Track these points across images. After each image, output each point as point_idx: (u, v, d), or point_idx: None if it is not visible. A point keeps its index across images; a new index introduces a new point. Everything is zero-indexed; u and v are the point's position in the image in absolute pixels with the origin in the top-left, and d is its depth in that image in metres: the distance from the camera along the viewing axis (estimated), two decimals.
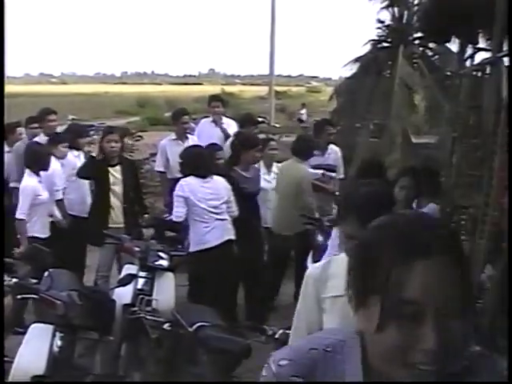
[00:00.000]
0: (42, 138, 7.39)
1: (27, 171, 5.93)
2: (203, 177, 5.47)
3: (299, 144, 6.57)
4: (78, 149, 6.93)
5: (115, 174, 6.04)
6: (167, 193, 6.92)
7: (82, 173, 6.23)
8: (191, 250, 5.43)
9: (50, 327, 3.66)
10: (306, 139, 6.90)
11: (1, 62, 5.18)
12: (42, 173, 5.92)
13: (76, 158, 6.80)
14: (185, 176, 5.55)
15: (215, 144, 6.79)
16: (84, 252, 6.55)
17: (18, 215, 5.65)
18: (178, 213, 5.45)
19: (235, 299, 5.82)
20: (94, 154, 6.47)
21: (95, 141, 8.13)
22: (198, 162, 5.53)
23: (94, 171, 6.12)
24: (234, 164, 5.90)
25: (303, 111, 29.56)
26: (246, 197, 5.78)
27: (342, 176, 7.08)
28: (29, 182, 5.85)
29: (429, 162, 7.68)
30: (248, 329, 3.42)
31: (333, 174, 6.81)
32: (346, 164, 7.76)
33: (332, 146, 7.17)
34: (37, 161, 5.94)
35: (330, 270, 2.25)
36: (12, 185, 7.49)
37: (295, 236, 6.23)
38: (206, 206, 5.43)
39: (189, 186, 5.45)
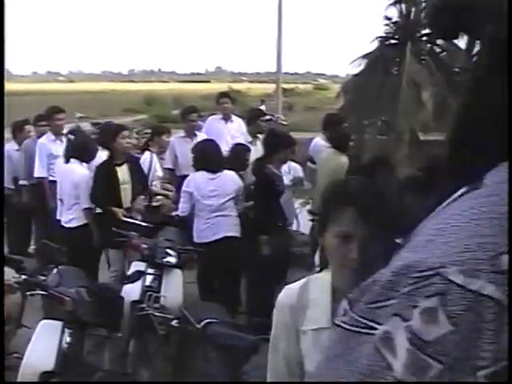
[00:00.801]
0: (49, 137, 7.49)
1: (75, 161, 5.99)
2: (213, 171, 5.51)
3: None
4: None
5: (121, 172, 5.96)
6: (175, 190, 6.93)
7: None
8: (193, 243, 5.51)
9: (59, 324, 3.68)
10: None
11: (1, 61, 5.19)
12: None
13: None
14: (196, 171, 5.63)
15: (243, 144, 6.80)
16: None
17: (84, 205, 5.80)
18: (183, 208, 5.59)
19: (234, 296, 5.79)
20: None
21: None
22: (208, 157, 5.58)
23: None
24: (268, 162, 5.81)
25: (263, 107, 28.51)
26: (279, 195, 5.77)
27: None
28: (84, 171, 5.97)
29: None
30: (256, 325, 3.41)
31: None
32: (354, 161, 7.74)
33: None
34: (86, 150, 6.05)
35: (309, 294, 1.83)
36: (22, 182, 7.51)
37: None
38: (208, 203, 5.48)
39: (195, 181, 5.56)
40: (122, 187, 5.88)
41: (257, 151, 6.59)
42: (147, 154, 6.93)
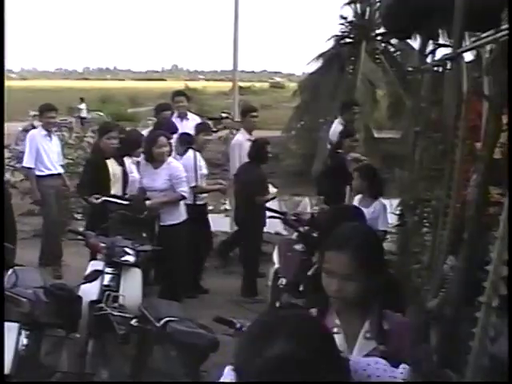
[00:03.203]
0: (41, 131, 7.75)
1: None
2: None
3: None
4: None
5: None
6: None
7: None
8: None
9: (16, 325, 3.62)
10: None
11: (0, 62, 5.08)
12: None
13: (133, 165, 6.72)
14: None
15: (188, 134, 7.19)
16: None
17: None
18: None
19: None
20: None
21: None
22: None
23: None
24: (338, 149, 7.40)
25: (83, 106, 27.50)
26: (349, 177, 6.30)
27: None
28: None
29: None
30: (216, 322, 3.42)
31: None
32: (309, 159, 7.88)
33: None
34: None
35: None
36: None
37: None
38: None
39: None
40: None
41: None
42: (190, 152, 6.93)
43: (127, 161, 6.52)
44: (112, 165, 6.31)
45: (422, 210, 5.17)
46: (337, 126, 8.12)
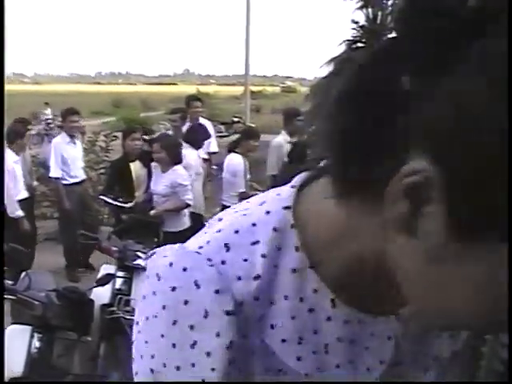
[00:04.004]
0: (64, 138, 7.50)
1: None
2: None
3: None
4: None
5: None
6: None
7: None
8: None
9: (28, 328, 3.64)
10: None
11: (0, 62, 5.13)
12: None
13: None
14: None
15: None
16: None
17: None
18: None
19: None
20: None
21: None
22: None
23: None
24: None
25: (48, 111, 25.77)
26: None
27: None
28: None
29: None
30: None
31: None
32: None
33: None
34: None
35: None
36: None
37: None
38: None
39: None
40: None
41: None
42: (239, 157, 6.98)
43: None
44: (136, 167, 6.34)
45: None
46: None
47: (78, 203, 7.47)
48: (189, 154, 6.52)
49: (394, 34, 0.65)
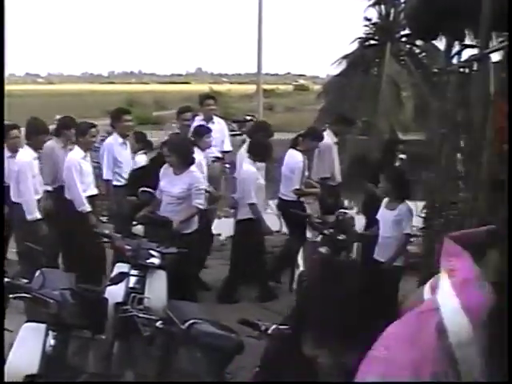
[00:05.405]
0: (116, 139, 7.31)
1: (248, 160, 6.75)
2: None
3: None
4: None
5: None
6: None
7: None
8: None
9: (43, 326, 3.65)
10: None
11: (1, 62, 5.15)
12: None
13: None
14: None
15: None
16: None
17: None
18: None
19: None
20: None
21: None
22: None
23: None
24: None
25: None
26: None
27: None
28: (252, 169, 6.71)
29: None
30: (241, 324, 3.43)
31: None
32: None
33: None
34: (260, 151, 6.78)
35: None
36: (46, 188, 6.99)
37: None
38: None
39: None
40: None
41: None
42: (299, 154, 7.06)
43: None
44: None
45: (448, 212, 5.11)
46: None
47: (127, 206, 6.98)
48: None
49: (406, 31, 0.64)
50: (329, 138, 7.72)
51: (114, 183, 7.22)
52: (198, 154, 6.82)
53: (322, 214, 7.21)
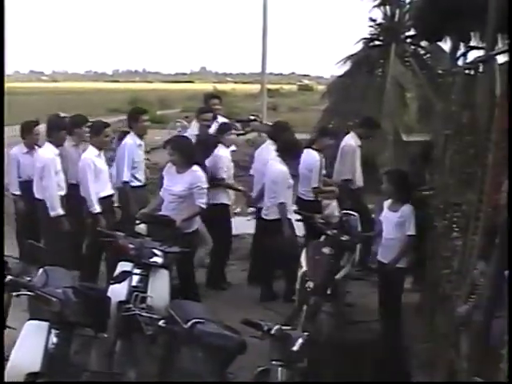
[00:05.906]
0: (133, 138, 7.15)
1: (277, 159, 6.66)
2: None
3: None
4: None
5: None
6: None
7: None
8: None
9: (46, 324, 3.65)
10: None
11: (0, 61, 5.17)
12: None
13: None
14: None
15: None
16: None
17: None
18: None
19: None
20: None
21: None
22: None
23: None
24: None
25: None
26: None
27: None
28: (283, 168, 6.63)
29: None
30: (243, 324, 3.43)
31: None
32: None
33: None
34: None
35: None
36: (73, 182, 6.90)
37: None
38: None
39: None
40: None
41: None
42: (315, 153, 7.07)
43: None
44: None
45: (452, 214, 5.10)
46: None
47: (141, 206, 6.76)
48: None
49: (412, 32, 0.64)
50: (352, 140, 7.70)
51: (132, 184, 7.10)
52: (222, 151, 6.89)
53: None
